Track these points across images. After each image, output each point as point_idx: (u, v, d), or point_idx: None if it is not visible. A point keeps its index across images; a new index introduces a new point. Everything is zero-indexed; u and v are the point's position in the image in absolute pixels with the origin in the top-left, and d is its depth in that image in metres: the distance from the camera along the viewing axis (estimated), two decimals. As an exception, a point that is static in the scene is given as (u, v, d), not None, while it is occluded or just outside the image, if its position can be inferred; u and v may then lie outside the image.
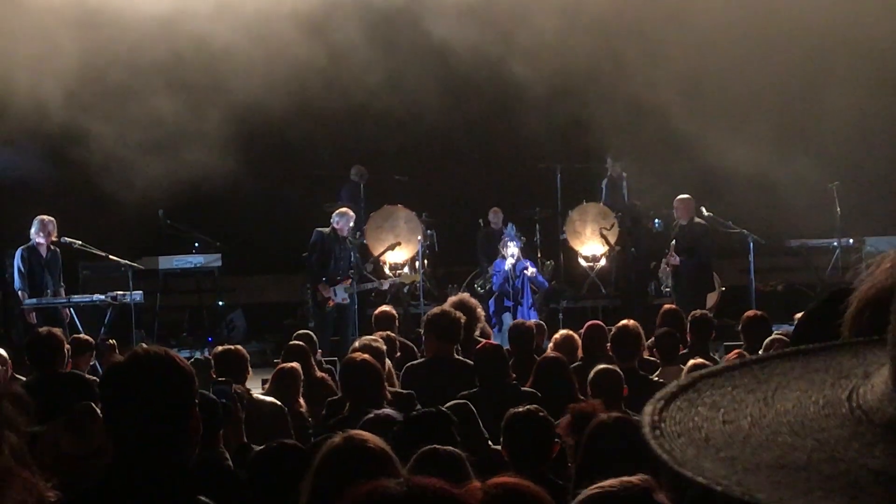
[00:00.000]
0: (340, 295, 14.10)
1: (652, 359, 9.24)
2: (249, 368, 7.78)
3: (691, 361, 7.38)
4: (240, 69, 15.00)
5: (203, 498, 2.81)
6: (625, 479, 2.98)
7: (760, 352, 8.23)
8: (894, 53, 15.17)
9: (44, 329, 8.44)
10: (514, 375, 7.60)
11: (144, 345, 9.66)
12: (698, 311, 10.14)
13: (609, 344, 8.56)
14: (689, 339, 9.57)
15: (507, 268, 15.03)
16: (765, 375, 1.05)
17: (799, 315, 8.90)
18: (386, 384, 6.99)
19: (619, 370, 6.59)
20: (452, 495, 1.79)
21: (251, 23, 15.13)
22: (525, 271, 15.07)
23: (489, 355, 7.53)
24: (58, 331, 8.49)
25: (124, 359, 2.88)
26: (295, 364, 8.01)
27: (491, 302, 14.84)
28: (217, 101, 15.11)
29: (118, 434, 2.83)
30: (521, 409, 5.21)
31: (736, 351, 8.11)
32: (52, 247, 13.13)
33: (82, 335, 10.16)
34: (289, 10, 15.21)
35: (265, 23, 15.20)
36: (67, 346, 8.29)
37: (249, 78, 15.08)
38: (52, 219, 13.13)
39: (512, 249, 15.09)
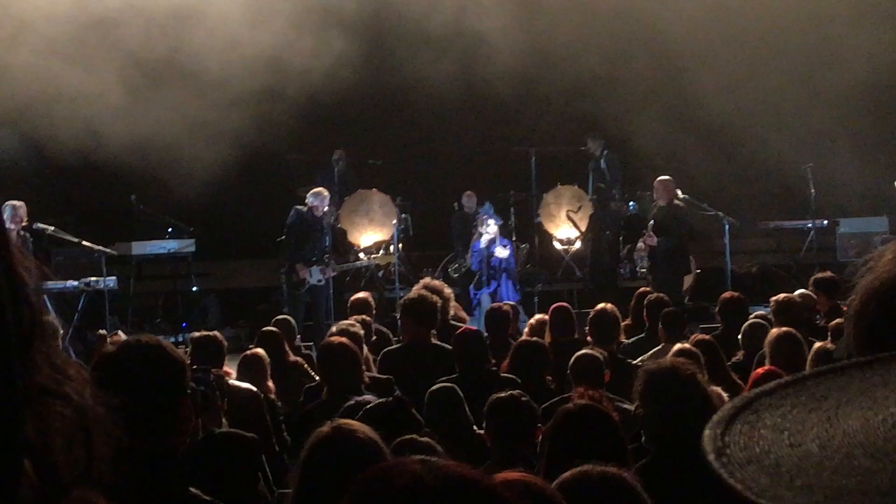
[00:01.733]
0: (315, 276, 13.92)
1: (625, 341, 9.27)
2: (225, 355, 7.69)
3: (655, 349, 7.31)
4: (212, 52, 14.86)
5: (193, 489, 2.77)
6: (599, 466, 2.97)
7: (739, 337, 8.25)
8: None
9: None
10: (493, 361, 7.57)
11: (121, 332, 9.57)
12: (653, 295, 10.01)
13: (587, 328, 8.55)
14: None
15: (482, 246, 14.93)
16: (821, 393, 1.02)
17: (776, 297, 8.77)
18: (364, 368, 6.94)
19: (599, 355, 6.57)
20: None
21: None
22: (499, 253, 14.96)
23: (469, 340, 7.49)
24: (52, 317, 8.37)
25: (116, 348, 2.83)
26: (259, 350, 7.89)
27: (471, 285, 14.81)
28: (189, 84, 14.97)
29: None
30: (504, 394, 5.20)
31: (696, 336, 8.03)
32: (22, 232, 12.97)
33: (50, 317, 10.02)
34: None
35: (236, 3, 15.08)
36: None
37: (222, 60, 14.93)
38: (22, 203, 12.96)
39: (491, 226, 14.95)
